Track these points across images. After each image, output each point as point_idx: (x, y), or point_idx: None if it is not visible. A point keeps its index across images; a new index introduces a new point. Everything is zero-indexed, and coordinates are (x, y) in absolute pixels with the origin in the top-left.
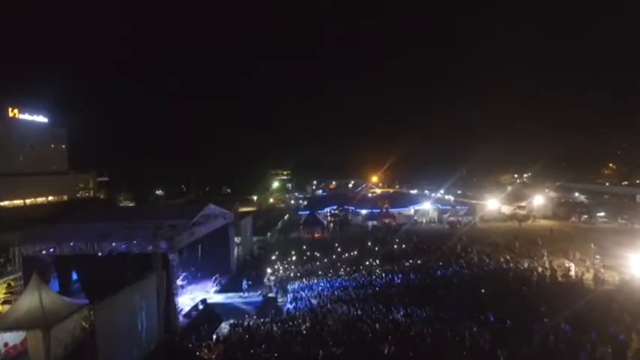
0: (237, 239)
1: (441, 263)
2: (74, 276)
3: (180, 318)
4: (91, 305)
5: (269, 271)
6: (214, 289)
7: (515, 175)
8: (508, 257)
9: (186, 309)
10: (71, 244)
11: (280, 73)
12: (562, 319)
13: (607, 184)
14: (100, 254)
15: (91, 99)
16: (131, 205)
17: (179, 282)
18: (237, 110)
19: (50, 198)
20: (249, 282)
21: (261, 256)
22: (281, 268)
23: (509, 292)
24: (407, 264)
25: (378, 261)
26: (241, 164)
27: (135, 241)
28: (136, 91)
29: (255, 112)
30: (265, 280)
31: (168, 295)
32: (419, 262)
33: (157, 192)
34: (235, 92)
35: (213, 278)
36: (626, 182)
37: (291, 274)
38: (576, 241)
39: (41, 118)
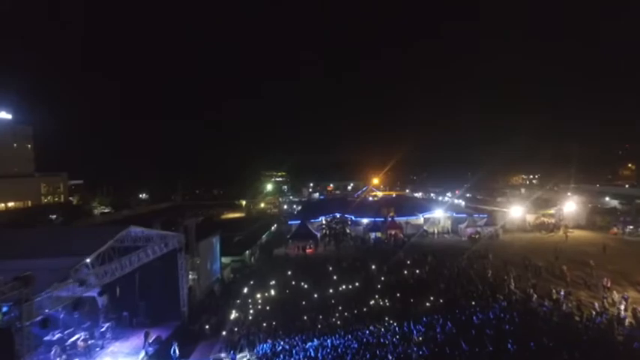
0: (196, 260)
1: (473, 302)
2: None
3: None
4: None
5: (234, 314)
6: (143, 354)
7: (523, 177)
8: (562, 291)
9: None
10: None
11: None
12: None
13: (627, 185)
14: None
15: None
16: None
17: (81, 343)
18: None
19: (11, 204)
20: (206, 326)
21: (234, 283)
22: (252, 310)
23: None
24: (427, 304)
25: (387, 301)
26: (234, 165)
27: None
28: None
29: (253, 111)
30: (224, 333)
31: None
32: (441, 300)
33: (140, 196)
34: (233, 91)
35: (147, 336)
36: None
37: (265, 324)
38: (633, 261)
39: (4, 115)
